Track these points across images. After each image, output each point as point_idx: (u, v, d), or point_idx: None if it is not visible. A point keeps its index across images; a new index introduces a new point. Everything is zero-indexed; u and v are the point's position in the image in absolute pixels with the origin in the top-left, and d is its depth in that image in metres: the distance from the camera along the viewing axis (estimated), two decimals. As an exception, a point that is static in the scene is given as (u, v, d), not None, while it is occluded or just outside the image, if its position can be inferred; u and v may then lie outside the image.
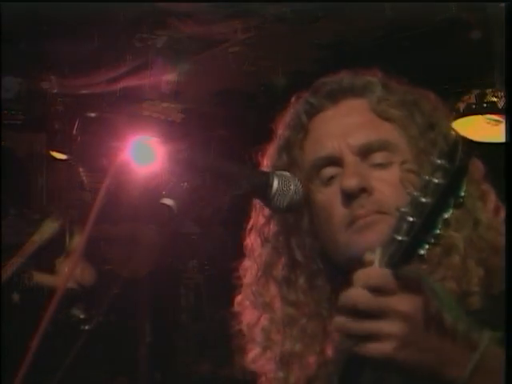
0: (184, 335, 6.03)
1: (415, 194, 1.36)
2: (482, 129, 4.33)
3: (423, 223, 1.35)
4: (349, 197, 1.67)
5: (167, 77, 4.74)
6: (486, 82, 4.26)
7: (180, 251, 5.40)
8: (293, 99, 1.87)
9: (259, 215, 1.87)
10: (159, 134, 4.89)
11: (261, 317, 1.81)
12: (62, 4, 3.88)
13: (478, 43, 4.17)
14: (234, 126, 5.13)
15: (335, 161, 1.73)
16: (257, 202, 1.87)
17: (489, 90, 4.25)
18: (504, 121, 4.19)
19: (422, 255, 1.37)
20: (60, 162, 5.27)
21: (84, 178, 5.36)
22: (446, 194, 1.34)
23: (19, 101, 4.94)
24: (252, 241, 1.86)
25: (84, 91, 4.72)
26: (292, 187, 1.78)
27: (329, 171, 1.74)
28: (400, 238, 1.36)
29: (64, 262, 5.52)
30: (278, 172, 1.79)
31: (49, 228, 5.53)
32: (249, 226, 1.88)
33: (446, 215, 1.35)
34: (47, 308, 1.89)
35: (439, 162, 1.34)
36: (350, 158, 1.71)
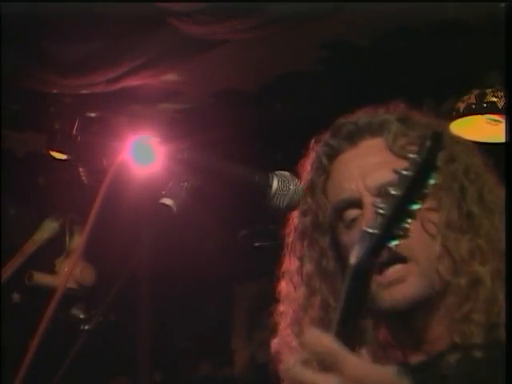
0: (184, 335, 6.03)
1: (388, 187, 1.36)
2: (482, 129, 4.33)
3: (392, 215, 1.36)
4: None
5: (167, 77, 4.74)
6: (486, 82, 4.26)
7: (180, 251, 5.40)
8: (312, 142, 1.87)
9: (291, 259, 1.87)
10: (159, 134, 4.89)
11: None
12: (62, 4, 3.88)
13: (477, 43, 4.17)
14: (234, 125, 5.13)
15: (355, 203, 1.73)
16: (287, 246, 1.87)
17: (489, 90, 4.25)
18: (504, 121, 4.19)
19: (391, 248, 1.38)
20: (60, 162, 5.26)
21: (84, 177, 5.36)
22: (414, 186, 1.35)
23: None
24: (285, 285, 1.87)
25: (84, 91, 4.71)
26: (292, 187, 1.78)
27: (350, 213, 1.74)
28: (371, 231, 1.37)
29: (64, 262, 5.53)
30: (278, 172, 1.80)
31: (49, 228, 5.53)
32: (281, 271, 1.88)
33: (414, 207, 1.36)
34: (47, 308, 1.89)
35: (411, 156, 1.36)
36: (368, 200, 1.70)
